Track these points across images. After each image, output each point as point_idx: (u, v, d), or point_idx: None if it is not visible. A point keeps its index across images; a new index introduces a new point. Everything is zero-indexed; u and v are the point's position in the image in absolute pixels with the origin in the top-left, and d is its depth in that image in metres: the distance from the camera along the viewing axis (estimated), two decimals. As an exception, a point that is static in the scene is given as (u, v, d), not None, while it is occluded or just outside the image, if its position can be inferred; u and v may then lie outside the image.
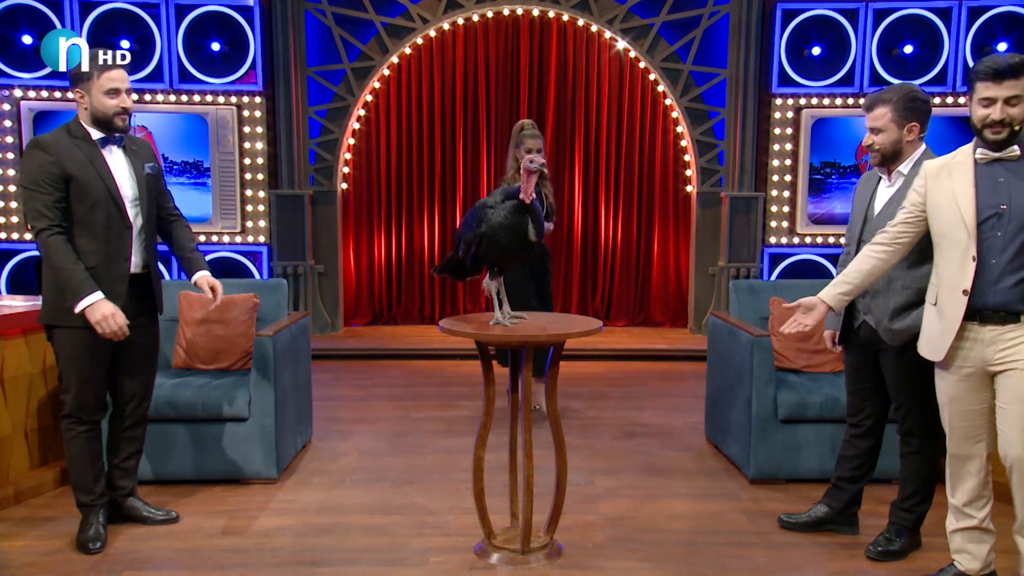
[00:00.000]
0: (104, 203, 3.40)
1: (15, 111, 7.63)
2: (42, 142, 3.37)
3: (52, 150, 3.34)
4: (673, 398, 6.08)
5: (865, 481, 3.61)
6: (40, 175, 3.29)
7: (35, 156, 3.33)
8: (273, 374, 4.16)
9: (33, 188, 3.29)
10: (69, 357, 3.42)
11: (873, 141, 3.29)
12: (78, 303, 3.27)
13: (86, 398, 3.46)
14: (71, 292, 3.28)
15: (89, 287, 3.28)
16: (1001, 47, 7.57)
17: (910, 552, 3.44)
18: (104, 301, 3.30)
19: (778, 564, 3.38)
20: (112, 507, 3.68)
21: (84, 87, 3.40)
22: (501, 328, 3.23)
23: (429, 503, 3.99)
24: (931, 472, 3.41)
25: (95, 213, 3.39)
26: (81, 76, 3.40)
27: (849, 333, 3.48)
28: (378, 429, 5.24)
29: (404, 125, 8.25)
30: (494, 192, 3.29)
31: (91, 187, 3.37)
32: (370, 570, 3.29)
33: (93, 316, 3.27)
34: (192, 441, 4.15)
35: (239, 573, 3.27)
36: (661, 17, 7.79)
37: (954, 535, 3.15)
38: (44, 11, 7.48)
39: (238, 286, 4.72)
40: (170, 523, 3.74)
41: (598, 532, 3.67)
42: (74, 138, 3.40)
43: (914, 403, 3.34)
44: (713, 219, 8.04)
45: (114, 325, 3.30)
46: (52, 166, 3.31)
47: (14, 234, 7.79)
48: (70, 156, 3.35)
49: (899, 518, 3.45)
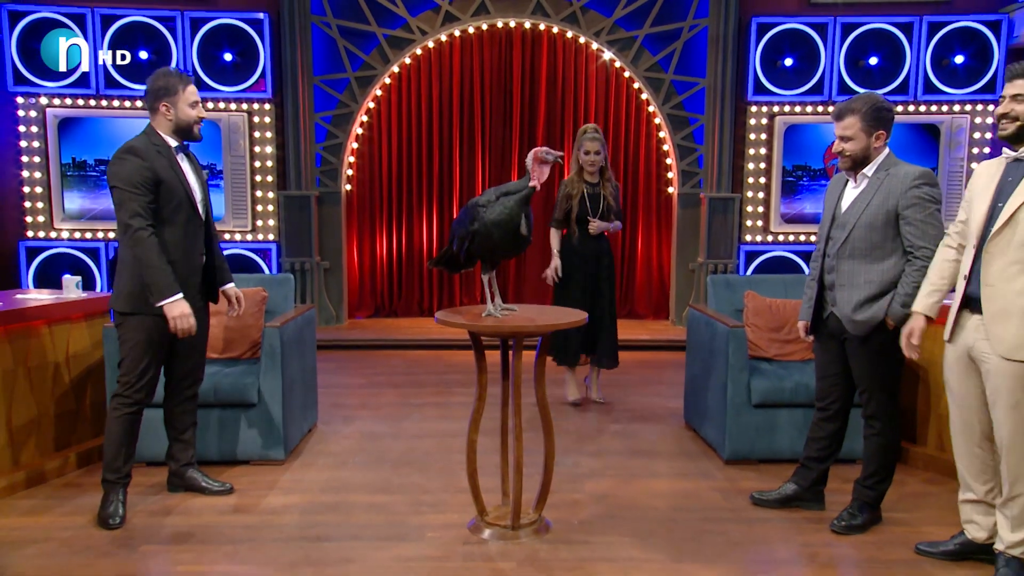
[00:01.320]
0: (184, 204, 3.52)
1: (41, 118, 7.61)
2: (137, 149, 3.44)
3: (146, 156, 3.43)
4: (655, 385, 6.10)
5: (831, 461, 3.62)
6: (138, 178, 3.38)
7: (131, 161, 3.40)
8: (281, 363, 4.16)
9: (130, 190, 3.37)
10: (137, 343, 3.47)
11: (844, 148, 3.28)
12: (162, 300, 3.36)
13: (142, 382, 3.50)
14: (157, 288, 3.37)
15: (175, 288, 3.40)
16: (958, 59, 7.61)
17: (871, 526, 3.46)
18: (183, 302, 3.41)
19: (749, 538, 3.40)
20: (175, 477, 3.84)
21: (171, 100, 3.52)
22: (493, 319, 3.23)
23: (426, 483, 4.00)
24: (892, 452, 3.43)
25: (178, 213, 3.51)
26: (169, 90, 3.52)
27: (819, 324, 3.49)
28: (379, 414, 5.24)
29: (404, 130, 8.24)
30: (487, 192, 3.29)
31: (175, 190, 3.49)
32: (371, 545, 3.29)
33: (172, 312, 3.38)
34: (205, 425, 4.14)
35: (249, 547, 3.27)
36: (644, 30, 7.78)
37: (963, 506, 3.18)
38: (68, 24, 7.45)
39: (248, 281, 4.71)
40: (226, 494, 3.83)
41: (584, 509, 3.68)
42: (155, 145, 3.49)
43: (877, 389, 3.35)
44: (693, 218, 8.05)
45: (186, 324, 3.41)
46: (147, 170, 3.40)
47: (40, 232, 7.78)
48: (156, 162, 3.44)
49: (862, 495, 3.46)
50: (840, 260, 3.31)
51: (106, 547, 3.27)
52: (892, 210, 3.19)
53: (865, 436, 3.44)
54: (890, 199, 3.20)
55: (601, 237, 5.38)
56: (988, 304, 2.88)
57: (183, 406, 3.79)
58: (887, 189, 3.21)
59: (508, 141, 8.30)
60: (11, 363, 3.89)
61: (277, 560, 3.16)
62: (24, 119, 7.61)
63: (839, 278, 3.31)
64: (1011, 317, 2.81)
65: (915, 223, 3.17)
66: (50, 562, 3.14)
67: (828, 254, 3.37)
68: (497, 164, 8.32)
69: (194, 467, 3.86)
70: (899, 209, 3.19)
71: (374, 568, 3.09)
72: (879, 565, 3.15)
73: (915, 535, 3.39)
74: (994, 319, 2.86)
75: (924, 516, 3.62)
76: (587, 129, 5.21)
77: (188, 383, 3.78)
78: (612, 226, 5.36)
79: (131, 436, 3.54)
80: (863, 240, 3.25)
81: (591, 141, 5.15)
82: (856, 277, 3.27)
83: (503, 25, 7.94)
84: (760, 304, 4.60)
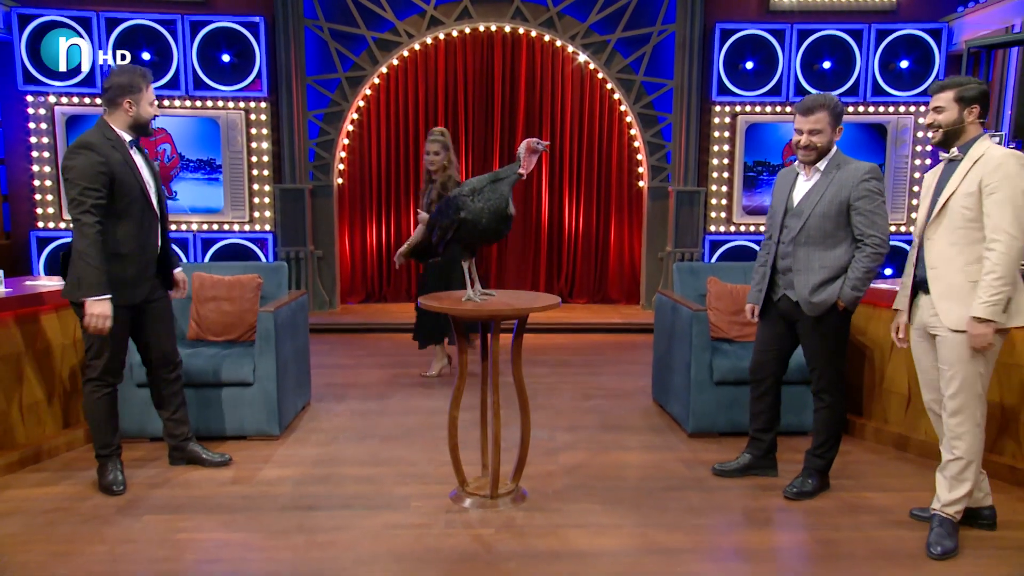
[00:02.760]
0: (138, 198, 3.39)
1: (50, 115, 7.52)
2: (92, 143, 3.29)
3: (100, 151, 3.28)
4: (625, 365, 6.12)
5: (776, 430, 3.67)
6: (91, 173, 3.23)
7: (86, 156, 3.25)
8: (275, 345, 4.14)
9: (83, 184, 3.22)
10: None
11: (813, 141, 3.27)
12: (89, 295, 3.24)
13: (112, 363, 3.45)
14: (88, 283, 3.23)
15: (105, 289, 3.26)
16: (903, 64, 7.67)
17: (820, 492, 3.50)
18: (107, 303, 3.27)
19: (710, 504, 3.42)
20: (176, 451, 3.81)
21: (134, 97, 3.40)
22: (472, 304, 3.23)
23: (411, 456, 3.99)
24: (839, 423, 3.47)
25: (132, 206, 3.37)
26: (133, 87, 3.39)
27: (769, 306, 3.52)
28: (368, 393, 5.23)
29: (392, 127, 8.19)
30: (463, 184, 3.26)
31: (129, 185, 3.35)
32: (360, 513, 3.29)
33: (92, 309, 3.24)
34: (204, 403, 4.13)
35: (245, 516, 3.26)
36: (617, 34, 7.76)
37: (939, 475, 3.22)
38: (75, 26, 7.34)
39: (244, 268, 4.67)
40: (224, 465, 3.82)
41: (558, 480, 3.69)
42: (108, 140, 3.35)
43: (827, 366, 3.39)
44: (662, 210, 8.06)
45: (100, 324, 3.27)
46: (102, 165, 3.26)
47: (50, 223, 7.68)
48: (112, 157, 3.31)
49: (812, 464, 3.50)
50: (796, 247, 3.33)
51: (111, 516, 3.25)
52: (844, 201, 3.23)
53: (816, 409, 3.48)
54: (843, 191, 3.23)
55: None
56: (934, 284, 3.00)
57: (169, 388, 3.72)
58: (839, 182, 3.24)
59: (490, 137, 8.27)
60: (21, 346, 3.85)
61: (272, 528, 3.15)
62: (34, 116, 7.52)
63: (795, 263, 3.34)
64: (954, 293, 2.93)
65: (865, 213, 3.21)
66: (60, 530, 3.12)
67: (783, 241, 3.39)
68: (480, 159, 8.29)
69: (192, 440, 3.84)
70: (851, 200, 3.22)
71: (362, 535, 3.09)
72: (827, 528, 3.19)
73: (860, 499, 3.44)
74: (940, 297, 2.97)
75: (868, 482, 3.67)
76: (432, 131, 5.12)
77: (167, 369, 3.69)
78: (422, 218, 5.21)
79: (112, 412, 3.51)
80: (818, 229, 3.27)
81: (431, 143, 5.07)
82: (812, 262, 3.30)
83: (485, 29, 7.90)
84: (722, 289, 4.62)
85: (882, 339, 4.24)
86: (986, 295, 2.81)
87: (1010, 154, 2.86)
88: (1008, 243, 2.78)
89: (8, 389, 3.81)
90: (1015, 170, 2.81)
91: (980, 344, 2.85)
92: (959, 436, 2.95)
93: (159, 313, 3.62)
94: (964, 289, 2.90)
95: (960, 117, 2.95)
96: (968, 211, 2.88)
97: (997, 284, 2.79)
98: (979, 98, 2.94)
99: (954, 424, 2.95)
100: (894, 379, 4.19)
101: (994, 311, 2.81)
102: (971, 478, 2.97)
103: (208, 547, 3.00)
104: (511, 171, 3.22)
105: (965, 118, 2.95)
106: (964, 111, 2.95)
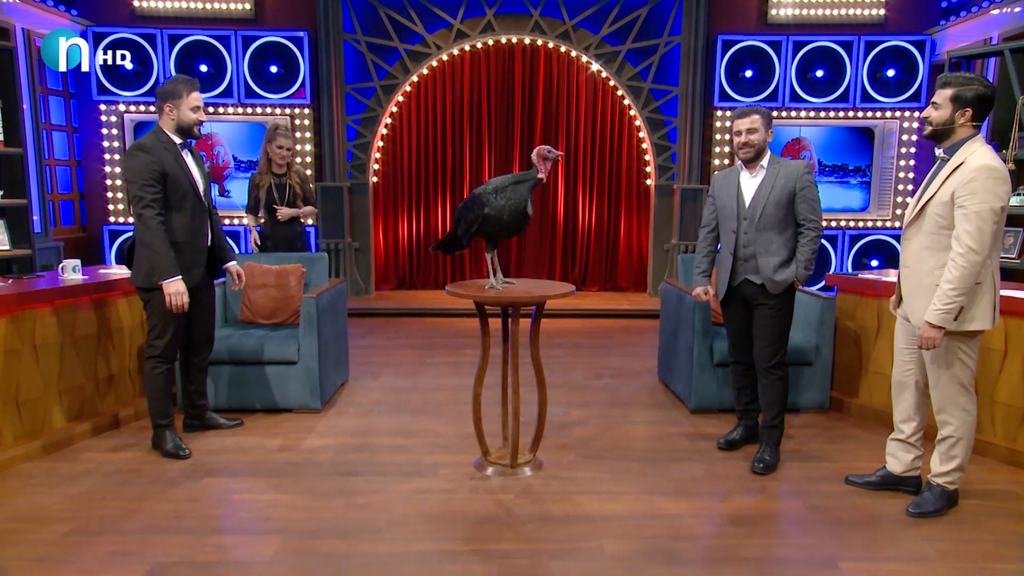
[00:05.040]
0: (189, 193, 3.44)
1: (120, 122, 7.61)
2: (144, 145, 3.36)
3: (153, 151, 3.35)
4: (633, 347, 6.09)
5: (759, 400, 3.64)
6: (147, 172, 3.30)
7: (140, 157, 3.33)
8: (317, 327, 4.16)
9: (140, 181, 3.29)
10: (163, 313, 3.44)
11: (751, 140, 3.33)
12: (164, 279, 3.34)
13: (172, 343, 3.51)
14: (160, 269, 3.33)
15: (175, 270, 3.35)
16: (890, 73, 7.52)
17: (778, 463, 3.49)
18: (180, 282, 3.37)
19: (710, 474, 3.41)
20: (196, 420, 3.89)
21: (174, 103, 3.42)
22: (495, 291, 3.22)
23: (439, 428, 4.01)
24: (787, 394, 3.50)
25: (184, 201, 3.43)
26: (174, 94, 3.41)
27: (730, 294, 3.50)
28: (401, 371, 5.25)
29: (422, 130, 8.17)
30: (490, 181, 3.25)
31: (180, 181, 3.40)
32: (393, 479, 3.32)
33: (168, 289, 3.34)
34: (254, 379, 4.17)
35: (292, 480, 3.30)
36: (627, 45, 7.68)
37: (889, 443, 3.22)
38: (141, 43, 7.39)
39: (290, 259, 4.70)
40: (237, 427, 3.92)
41: (571, 451, 3.69)
42: (161, 142, 3.40)
43: (780, 341, 3.41)
44: (667, 206, 7.99)
45: (180, 301, 3.37)
46: (155, 164, 3.32)
47: (120, 218, 7.78)
48: (163, 157, 3.36)
49: (769, 436, 3.49)
50: (758, 233, 3.36)
51: (175, 477, 3.31)
52: (791, 191, 3.30)
53: (769, 384, 3.44)
54: (789, 183, 3.31)
55: (294, 223, 5.11)
56: (905, 282, 2.96)
57: (199, 366, 3.82)
58: (785, 175, 3.32)
59: (510, 140, 8.22)
60: (96, 327, 3.91)
61: (315, 490, 3.18)
62: (106, 123, 7.61)
63: (758, 248, 3.37)
64: (922, 294, 2.87)
65: (807, 201, 3.30)
66: (130, 489, 3.18)
67: (745, 231, 3.40)
68: (501, 159, 8.26)
69: (209, 410, 3.94)
70: (796, 190, 3.30)
71: (396, 498, 3.12)
72: (817, 496, 3.17)
73: (847, 470, 3.41)
74: (908, 296, 2.94)
75: (855, 455, 3.64)
76: (278, 126, 4.98)
77: (204, 350, 3.80)
78: (302, 211, 5.09)
79: (169, 387, 3.58)
80: (773, 216, 3.32)
81: (283, 138, 4.94)
82: (771, 245, 3.35)
83: (506, 41, 7.85)
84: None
85: (869, 325, 4.19)
86: (940, 303, 2.73)
87: (984, 166, 2.67)
88: (968, 258, 2.67)
89: (88, 364, 3.87)
90: (986, 184, 2.65)
91: (929, 346, 2.79)
92: (946, 421, 2.91)
93: (207, 301, 3.71)
94: (931, 291, 2.82)
95: (952, 118, 2.78)
96: (941, 219, 2.78)
97: (952, 295, 2.71)
98: (975, 101, 2.75)
99: (937, 408, 2.92)
100: (879, 361, 4.14)
101: (945, 319, 2.74)
102: (960, 455, 2.93)
103: (260, 506, 3.04)
104: (531, 175, 3.20)
105: (956, 119, 2.78)
106: (957, 112, 2.77)
